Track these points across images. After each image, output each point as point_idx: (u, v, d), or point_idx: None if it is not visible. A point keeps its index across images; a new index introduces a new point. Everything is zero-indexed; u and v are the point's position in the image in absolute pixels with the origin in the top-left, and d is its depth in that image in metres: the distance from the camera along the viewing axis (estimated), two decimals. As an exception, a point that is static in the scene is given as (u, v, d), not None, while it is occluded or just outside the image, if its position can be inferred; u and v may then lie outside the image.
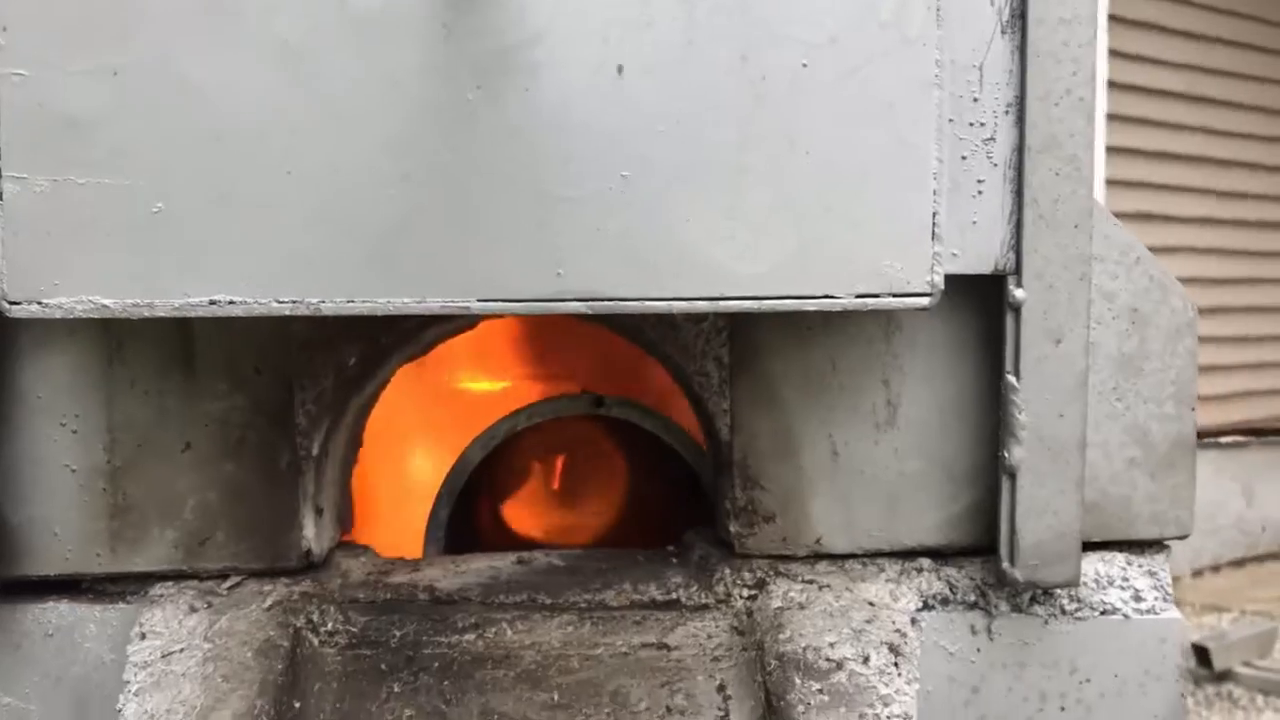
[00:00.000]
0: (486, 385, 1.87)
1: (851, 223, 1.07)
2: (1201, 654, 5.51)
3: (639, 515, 1.90)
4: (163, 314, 1.05)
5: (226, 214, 1.04)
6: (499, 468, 1.83)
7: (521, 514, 1.94)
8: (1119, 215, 1.30)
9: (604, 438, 1.93)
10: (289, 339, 1.25)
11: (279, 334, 1.24)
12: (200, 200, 1.04)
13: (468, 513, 1.74)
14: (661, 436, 1.58)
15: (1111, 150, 5.43)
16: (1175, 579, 6.15)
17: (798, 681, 1.13)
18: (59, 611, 1.26)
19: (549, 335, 1.79)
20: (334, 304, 1.05)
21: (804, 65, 1.04)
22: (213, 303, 1.05)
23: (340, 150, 1.04)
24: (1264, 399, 6.45)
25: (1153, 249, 1.28)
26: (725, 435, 1.29)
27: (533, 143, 1.03)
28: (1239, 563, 6.34)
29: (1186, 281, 1.33)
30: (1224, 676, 5.42)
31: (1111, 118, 5.45)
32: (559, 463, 2.01)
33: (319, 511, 1.28)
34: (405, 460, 1.83)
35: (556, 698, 1.16)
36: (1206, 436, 2.02)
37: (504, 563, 1.36)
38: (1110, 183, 5.51)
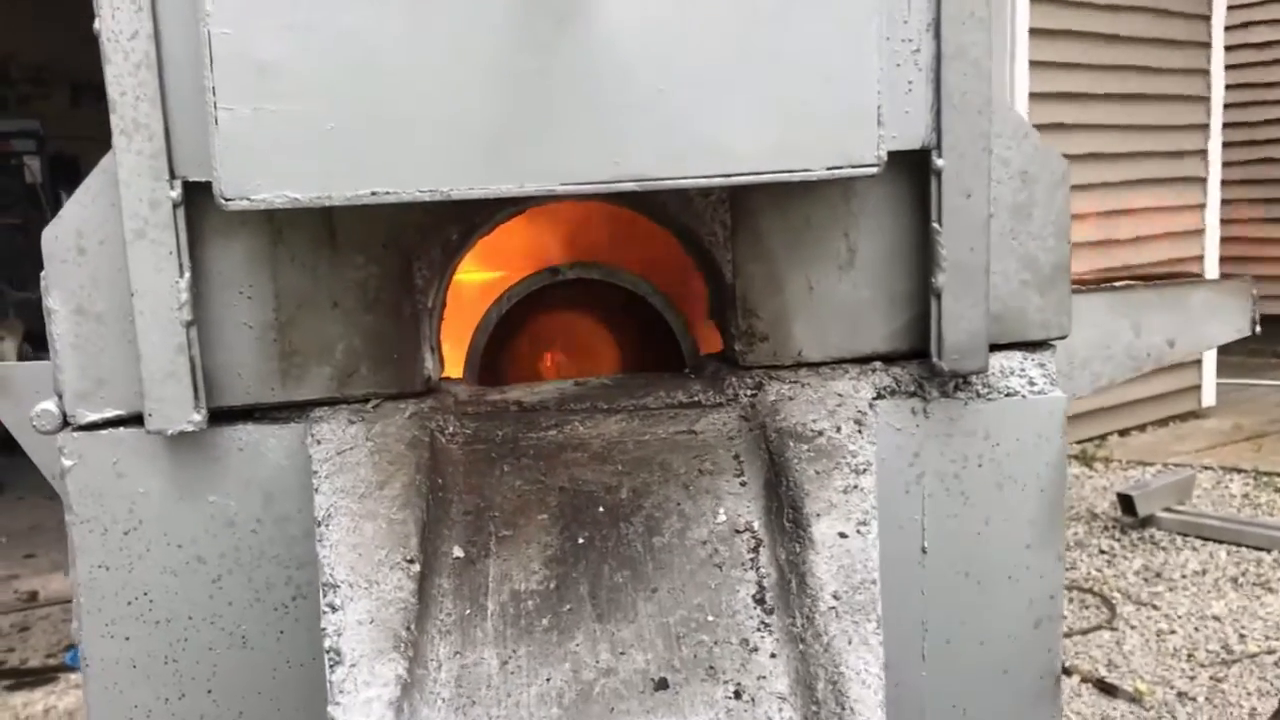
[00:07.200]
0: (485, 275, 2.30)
1: (821, 116, 1.51)
2: (1127, 502, 6.01)
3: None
4: (338, 203, 1.47)
5: (379, 128, 1.46)
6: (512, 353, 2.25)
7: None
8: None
9: (594, 321, 2.37)
10: (406, 223, 1.68)
11: (399, 219, 1.67)
12: (359, 119, 1.46)
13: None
14: (630, 288, 1.99)
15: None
16: (1103, 437, 6.67)
17: (792, 444, 1.61)
18: (246, 431, 1.68)
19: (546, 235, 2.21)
20: (460, 191, 1.48)
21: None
22: (373, 194, 1.47)
23: (458, 77, 1.45)
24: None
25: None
26: (729, 279, 1.75)
27: (596, 69, 1.46)
28: (1098, 439, 7.12)
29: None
30: (1147, 522, 5.94)
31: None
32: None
33: (433, 349, 1.73)
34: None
35: (620, 468, 1.63)
36: (1104, 283, 2.51)
37: (567, 384, 1.82)
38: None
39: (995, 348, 1.75)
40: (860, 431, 1.63)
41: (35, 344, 7.68)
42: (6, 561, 5.95)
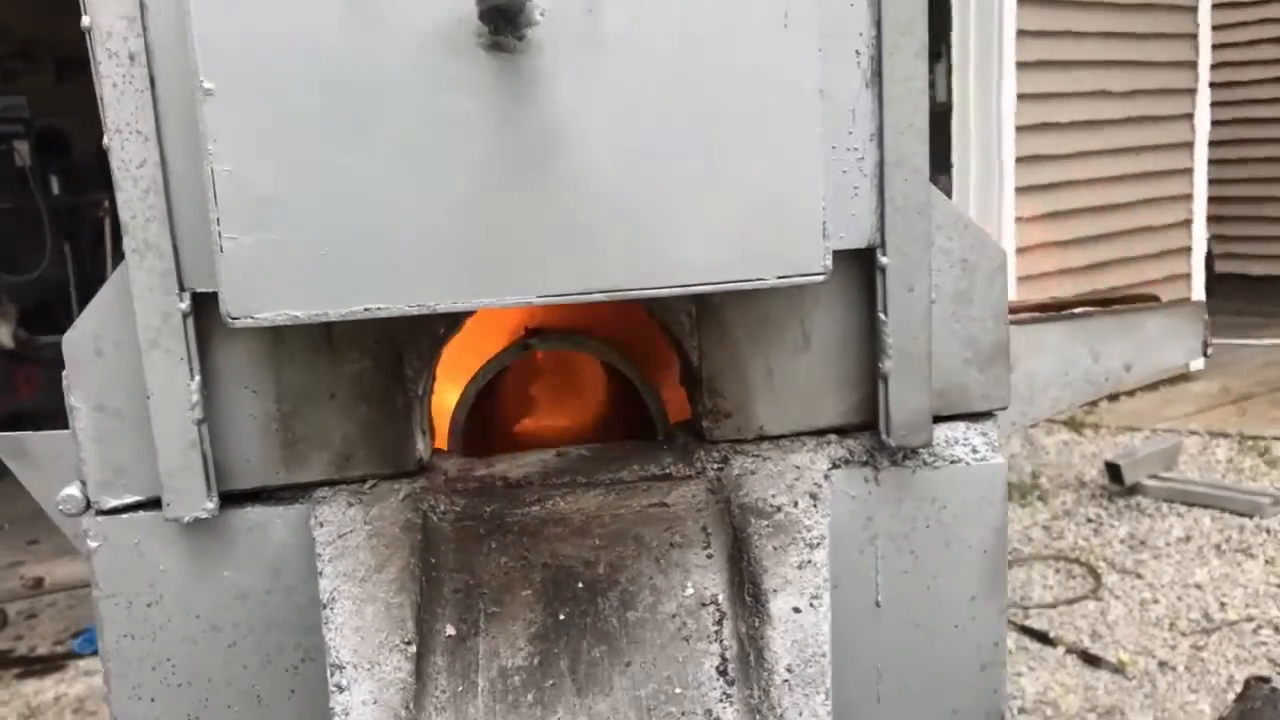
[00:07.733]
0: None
1: (772, 229, 1.66)
2: (1113, 471, 6.13)
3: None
4: (334, 319, 1.61)
5: (370, 253, 1.59)
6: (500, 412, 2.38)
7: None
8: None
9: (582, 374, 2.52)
10: (397, 324, 1.82)
11: (391, 321, 1.81)
12: (352, 245, 1.59)
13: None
14: (600, 356, 2.15)
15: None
16: (1093, 405, 6.82)
17: (753, 520, 1.77)
18: (255, 512, 1.84)
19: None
20: (445, 305, 1.62)
21: (739, 128, 1.61)
22: (366, 309, 1.61)
23: (442, 208, 1.59)
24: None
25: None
26: (696, 362, 1.90)
27: (568, 197, 1.60)
28: (1088, 406, 7.30)
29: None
30: (1134, 490, 6.07)
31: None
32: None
33: (424, 432, 1.89)
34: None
35: (598, 542, 1.79)
36: (1063, 308, 2.65)
37: (549, 456, 1.97)
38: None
39: (940, 419, 1.91)
40: (815, 506, 1.79)
41: (30, 328, 7.75)
42: (11, 548, 5.99)
